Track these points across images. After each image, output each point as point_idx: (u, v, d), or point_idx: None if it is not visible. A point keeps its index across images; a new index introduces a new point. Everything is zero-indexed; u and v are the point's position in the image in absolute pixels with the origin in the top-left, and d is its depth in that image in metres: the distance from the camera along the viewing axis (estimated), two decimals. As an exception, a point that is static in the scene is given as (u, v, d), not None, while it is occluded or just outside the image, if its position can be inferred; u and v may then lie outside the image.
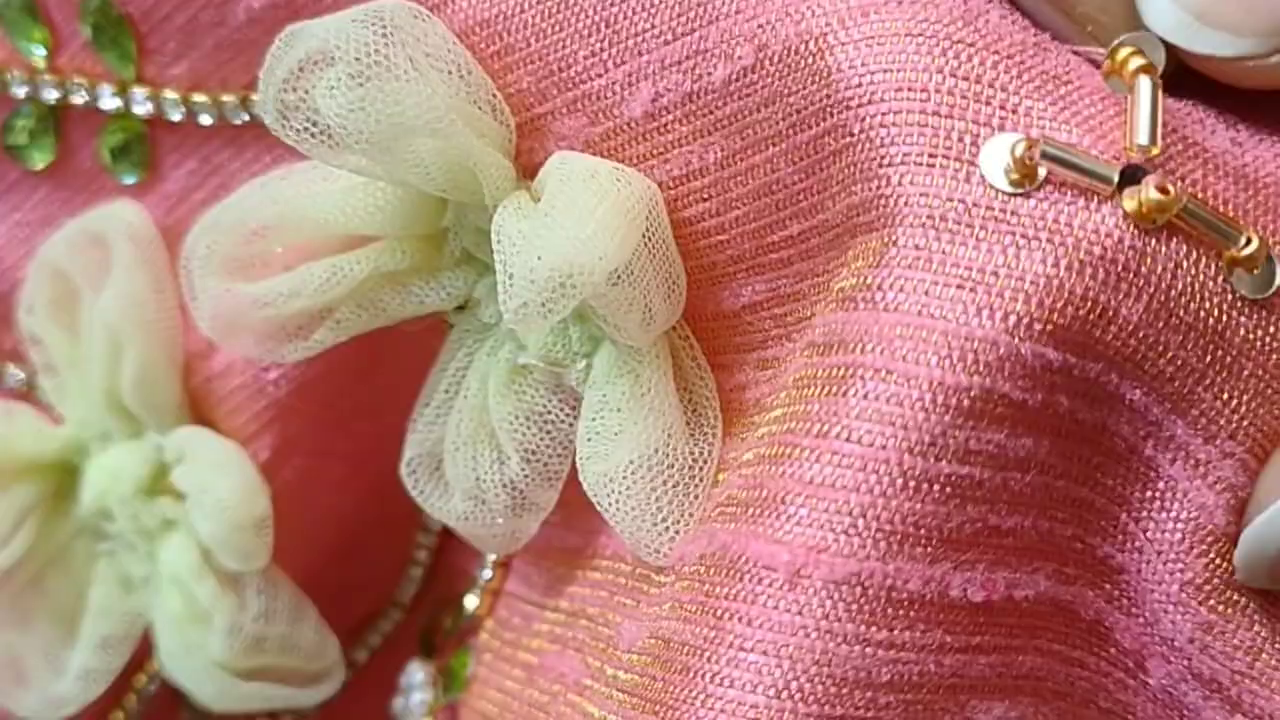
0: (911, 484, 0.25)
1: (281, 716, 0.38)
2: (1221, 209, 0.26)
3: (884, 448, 0.25)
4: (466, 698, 0.35)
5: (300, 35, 0.29)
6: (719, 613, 0.26)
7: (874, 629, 0.25)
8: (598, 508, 0.29)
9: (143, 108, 0.34)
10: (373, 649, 0.38)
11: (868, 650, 0.25)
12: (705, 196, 0.28)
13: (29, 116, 0.35)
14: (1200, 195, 0.26)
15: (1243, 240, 0.25)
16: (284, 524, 0.34)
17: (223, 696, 0.35)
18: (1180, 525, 0.26)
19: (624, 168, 0.29)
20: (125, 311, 0.33)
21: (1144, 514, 0.26)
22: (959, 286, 0.25)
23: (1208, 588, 0.26)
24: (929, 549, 0.25)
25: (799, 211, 0.27)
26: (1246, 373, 0.26)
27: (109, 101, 0.34)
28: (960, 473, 0.25)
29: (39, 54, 0.35)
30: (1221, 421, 0.26)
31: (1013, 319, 0.24)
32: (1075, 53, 0.26)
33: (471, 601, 0.35)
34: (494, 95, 0.30)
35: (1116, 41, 0.26)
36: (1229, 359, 0.26)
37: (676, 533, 0.29)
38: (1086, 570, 0.27)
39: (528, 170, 0.30)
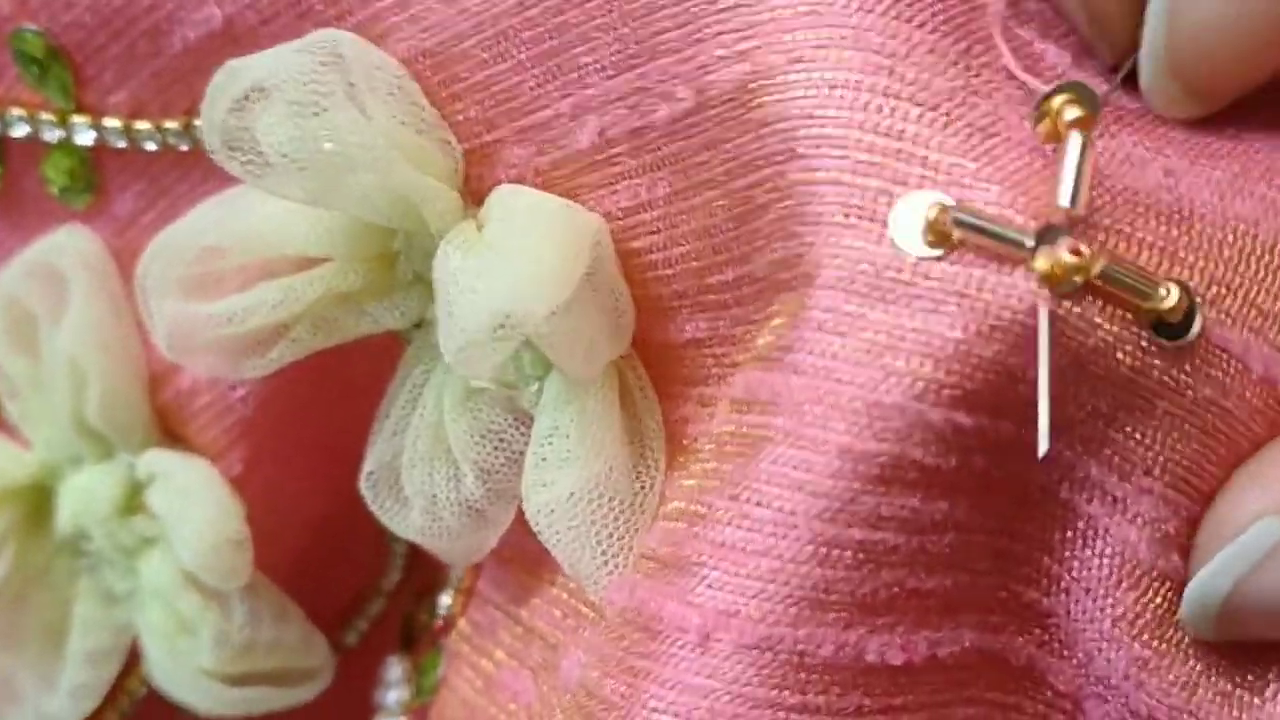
0: (822, 550, 0.25)
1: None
2: (1148, 255, 0.25)
3: (793, 513, 0.25)
4: (435, 701, 0.35)
5: (241, 69, 0.28)
6: (635, 671, 0.26)
7: (786, 693, 0.25)
8: (539, 537, 0.29)
9: (85, 136, 0.34)
10: (361, 633, 0.39)
11: (779, 714, 0.25)
12: (653, 230, 0.28)
13: None
14: (1125, 246, 0.25)
15: (1161, 293, 0.25)
16: (260, 530, 0.34)
17: (214, 704, 0.35)
18: (1106, 561, 0.26)
19: (570, 203, 0.28)
20: (86, 338, 0.33)
21: (1067, 554, 0.26)
22: (867, 351, 0.24)
23: (1140, 623, 0.26)
24: (842, 614, 0.25)
25: (733, 259, 0.27)
26: (1160, 410, 0.25)
27: (50, 132, 0.34)
28: (872, 539, 0.25)
29: None
30: (1135, 459, 0.25)
31: (920, 385, 0.24)
32: (1012, 76, 0.26)
33: (445, 599, 0.35)
34: (440, 124, 0.29)
35: (1053, 88, 0.25)
36: (1141, 400, 0.25)
37: (616, 565, 0.28)
38: (1013, 618, 0.26)
39: (476, 197, 0.30)
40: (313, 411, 0.35)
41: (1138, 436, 0.25)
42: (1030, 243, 0.24)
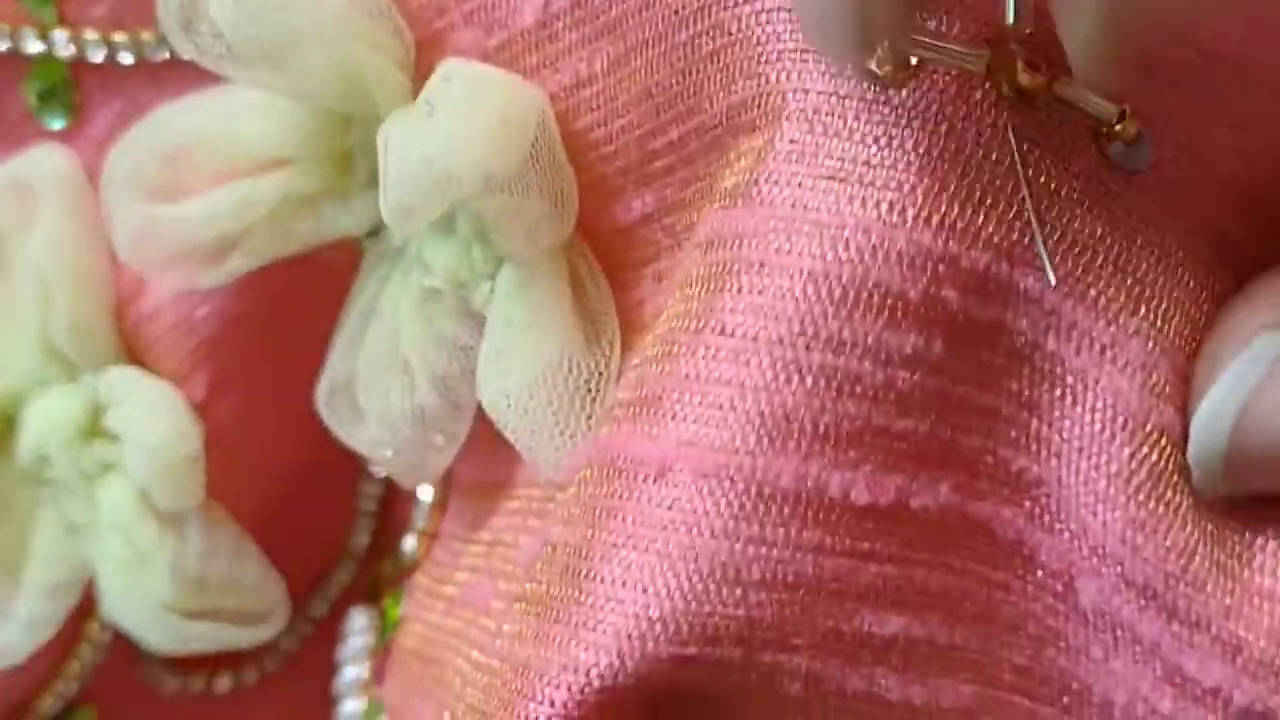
0: (782, 375, 0.24)
1: (245, 669, 0.38)
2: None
3: (755, 339, 0.25)
4: (396, 636, 0.35)
5: None
6: (598, 512, 0.26)
7: (742, 524, 0.25)
8: (497, 425, 0.29)
9: (65, 50, 0.34)
10: (331, 601, 0.38)
11: (735, 546, 0.25)
12: (594, 106, 0.28)
13: None
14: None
15: (1115, 115, 0.25)
16: (224, 465, 0.34)
17: (170, 639, 0.35)
18: (1098, 416, 0.25)
19: (514, 76, 0.29)
20: (54, 256, 0.34)
21: (1056, 414, 0.26)
22: (830, 178, 0.25)
23: (1135, 481, 0.25)
24: (801, 444, 0.24)
25: (677, 115, 0.27)
26: (1139, 244, 0.25)
27: (32, 45, 0.34)
28: (833, 363, 0.24)
29: None
30: (1122, 299, 0.25)
31: (884, 206, 0.24)
32: None
33: (409, 544, 0.36)
34: (392, 11, 0.30)
35: None
36: (1119, 231, 0.25)
37: (575, 446, 0.28)
38: (1000, 485, 0.26)
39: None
40: (280, 339, 0.35)
41: (1122, 273, 0.25)
42: (986, 64, 0.24)
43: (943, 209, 0.24)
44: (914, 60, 0.25)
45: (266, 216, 0.31)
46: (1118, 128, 0.25)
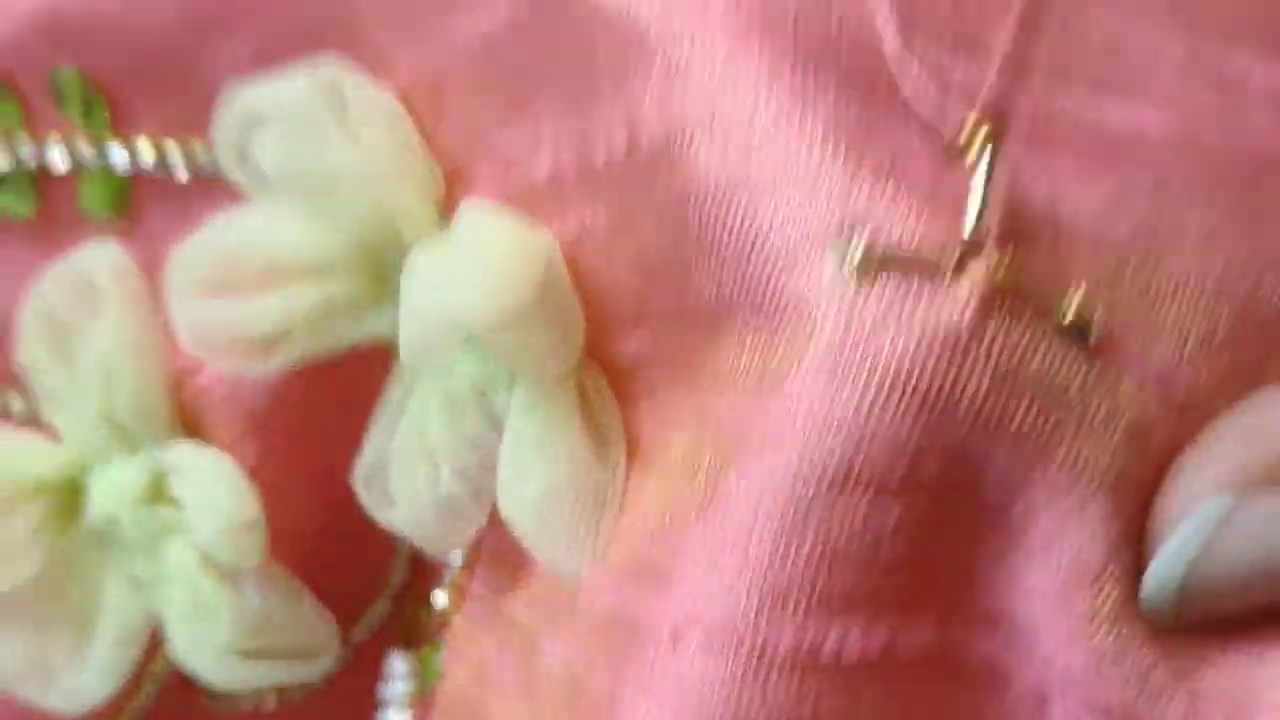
0: (782, 548, 0.27)
1: (292, 687, 0.41)
2: (1052, 267, 0.28)
3: (755, 515, 0.27)
4: (435, 691, 0.38)
5: (246, 93, 0.32)
6: (617, 667, 0.29)
7: (747, 687, 0.27)
8: (515, 533, 0.32)
9: (119, 160, 0.37)
10: (371, 629, 0.41)
11: (741, 706, 0.27)
12: (597, 253, 0.31)
13: (9, 174, 0.38)
14: (1027, 259, 0.28)
15: (1066, 301, 0.27)
16: (273, 519, 0.37)
17: (230, 678, 0.38)
18: (1064, 567, 0.28)
19: (526, 221, 0.31)
20: (119, 341, 0.36)
21: (1027, 565, 0.28)
22: (816, 371, 0.27)
23: (1098, 618, 0.27)
24: (799, 609, 0.27)
25: (668, 290, 0.30)
26: (1093, 418, 0.28)
27: (86, 158, 0.37)
28: (829, 536, 0.27)
29: (13, 119, 0.37)
30: (1081, 466, 0.27)
31: (869, 396, 0.27)
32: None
33: (440, 598, 0.38)
34: (423, 149, 0.33)
35: (960, 114, 0.28)
36: (1074, 409, 0.27)
37: (586, 557, 0.31)
38: (977, 623, 0.28)
39: (453, 214, 0.33)
40: (323, 417, 0.38)
41: (1078, 446, 0.28)
42: (951, 265, 0.27)
43: (920, 398, 0.27)
44: (884, 265, 0.27)
45: (308, 318, 0.34)
46: (1069, 310, 0.28)
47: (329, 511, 0.39)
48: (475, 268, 0.30)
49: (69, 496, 0.39)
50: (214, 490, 0.36)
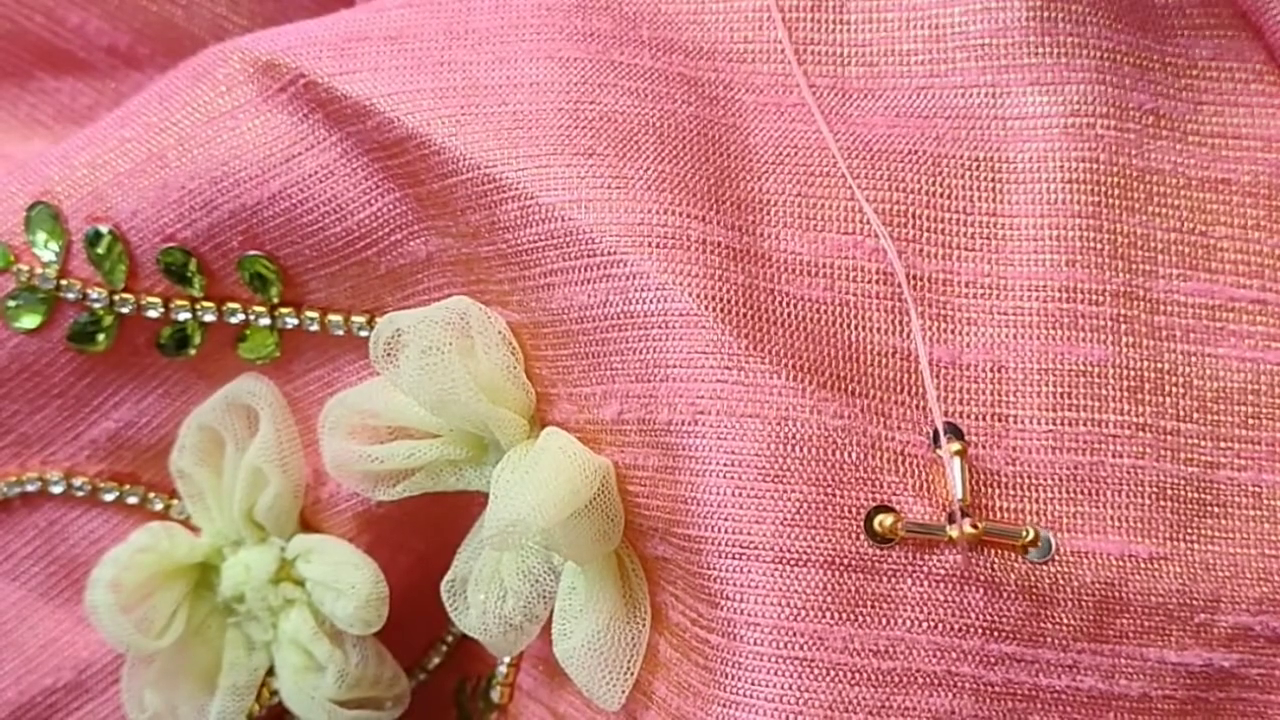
0: None
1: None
2: (1015, 510, 0.36)
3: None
4: None
5: (394, 319, 0.39)
6: None
7: None
8: (565, 671, 0.39)
9: (288, 324, 0.43)
10: (429, 671, 0.48)
11: None
12: (641, 484, 0.37)
13: (184, 328, 0.43)
14: (999, 513, 0.36)
15: (1024, 534, 0.36)
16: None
17: (329, 720, 0.45)
18: None
19: (586, 450, 0.38)
20: (269, 455, 0.43)
21: None
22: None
23: None
24: None
25: (688, 524, 0.36)
26: (1058, 606, 0.36)
27: (258, 321, 0.43)
28: None
29: (199, 289, 0.43)
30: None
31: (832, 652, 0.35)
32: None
33: (495, 693, 0.45)
34: (523, 374, 0.39)
35: (934, 439, 0.36)
36: (1047, 603, 0.36)
37: (620, 690, 0.38)
38: None
39: (542, 425, 0.39)
40: (418, 519, 0.45)
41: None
42: (950, 530, 0.35)
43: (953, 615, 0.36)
44: (900, 535, 0.35)
45: (424, 468, 0.41)
46: (1028, 540, 0.36)
47: (412, 586, 0.46)
48: (534, 487, 0.36)
49: (203, 576, 0.46)
50: (351, 570, 0.43)
